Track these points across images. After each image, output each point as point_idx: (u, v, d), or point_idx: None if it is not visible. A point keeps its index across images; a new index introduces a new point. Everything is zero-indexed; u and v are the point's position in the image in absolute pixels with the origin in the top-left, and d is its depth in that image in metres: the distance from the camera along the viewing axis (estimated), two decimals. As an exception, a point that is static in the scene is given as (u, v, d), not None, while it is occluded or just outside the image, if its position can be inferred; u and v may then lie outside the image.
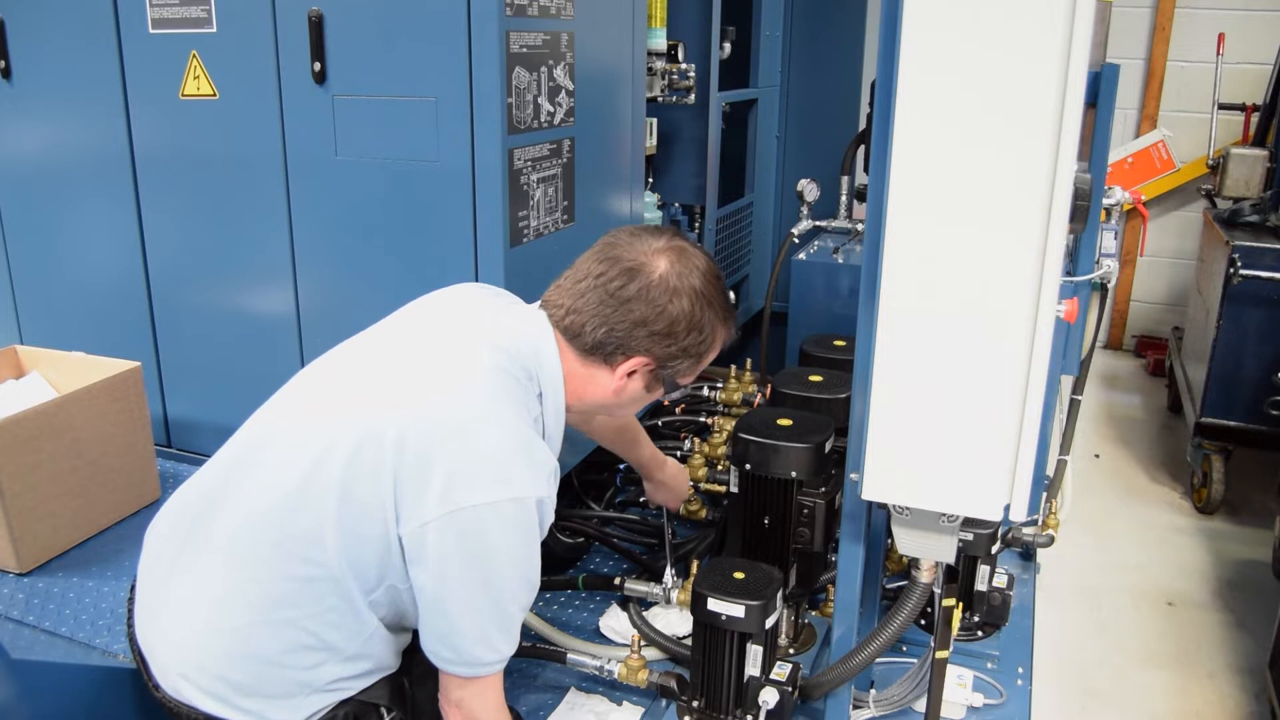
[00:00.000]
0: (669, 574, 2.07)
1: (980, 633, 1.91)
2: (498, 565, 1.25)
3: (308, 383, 1.40)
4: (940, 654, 1.52)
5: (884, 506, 1.39)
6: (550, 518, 1.29)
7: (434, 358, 1.33)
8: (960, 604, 1.63)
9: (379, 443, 1.23)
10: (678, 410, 2.88)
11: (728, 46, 2.90)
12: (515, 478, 1.24)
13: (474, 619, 1.27)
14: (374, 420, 1.25)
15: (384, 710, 1.37)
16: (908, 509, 1.36)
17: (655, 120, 2.62)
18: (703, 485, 2.52)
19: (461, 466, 1.22)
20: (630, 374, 1.41)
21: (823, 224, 3.11)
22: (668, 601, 2.07)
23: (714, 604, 1.64)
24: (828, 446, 1.89)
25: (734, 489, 1.94)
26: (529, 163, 1.89)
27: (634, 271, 1.36)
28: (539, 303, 1.45)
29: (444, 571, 1.23)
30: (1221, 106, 4.66)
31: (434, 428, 1.23)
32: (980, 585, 1.83)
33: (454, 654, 1.28)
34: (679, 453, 2.64)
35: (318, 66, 1.91)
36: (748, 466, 1.88)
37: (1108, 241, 2.24)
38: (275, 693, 1.29)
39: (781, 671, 1.67)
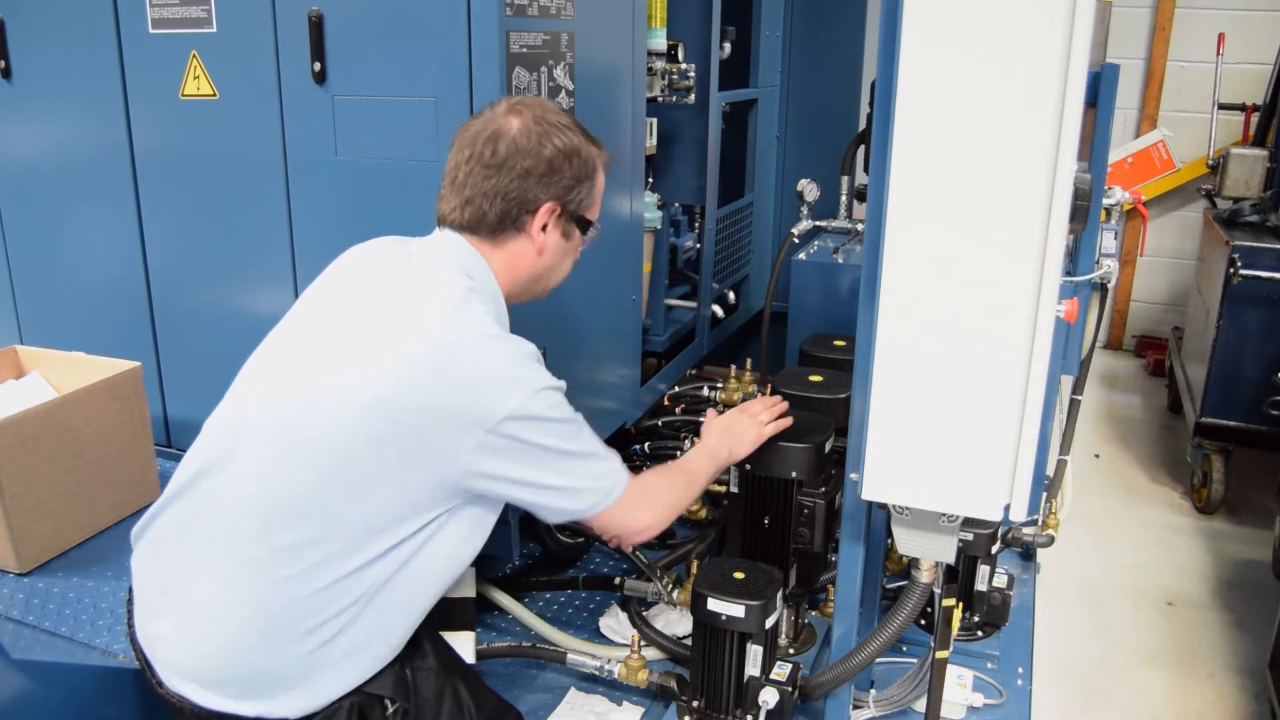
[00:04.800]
0: (659, 586, 2.08)
1: (980, 633, 1.91)
2: (561, 425, 1.33)
3: (275, 360, 1.40)
4: (940, 654, 1.52)
5: (884, 506, 1.39)
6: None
7: (412, 298, 1.35)
8: (960, 604, 1.63)
9: (400, 389, 1.25)
10: (678, 410, 2.88)
11: (728, 46, 2.90)
12: (534, 374, 1.31)
13: (575, 467, 1.35)
14: (385, 370, 1.26)
15: (388, 701, 1.38)
16: (908, 509, 1.36)
17: (655, 120, 2.62)
18: (703, 485, 2.52)
19: (486, 377, 1.27)
20: (543, 228, 1.44)
21: (823, 224, 3.10)
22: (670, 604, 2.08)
23: (714, 604, 1.64)
24: (828, 446, 1.89)
25: (734, 489, 1.94)
26: (529, 163, 1.89)
27: (496, 136, 1.41)
28: (436, 226, 1.48)
29: (532, 447, 1.29)
30: (1221, 106, 4.65)
31: (458, 352, 1.27)
32: (980, 585, 1.83)
33: (584, 501, 1.38)
34: (679, 452, 2.64)
35: (318, 66, 1.91)
36: (748, 466, 1.88)
37: (1108, 241, 2.24)
38: (281, 682, 1.29)
39: (781, 671, 1.67)
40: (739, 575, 1.69)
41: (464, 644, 1.71)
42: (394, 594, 1.34)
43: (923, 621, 1.67)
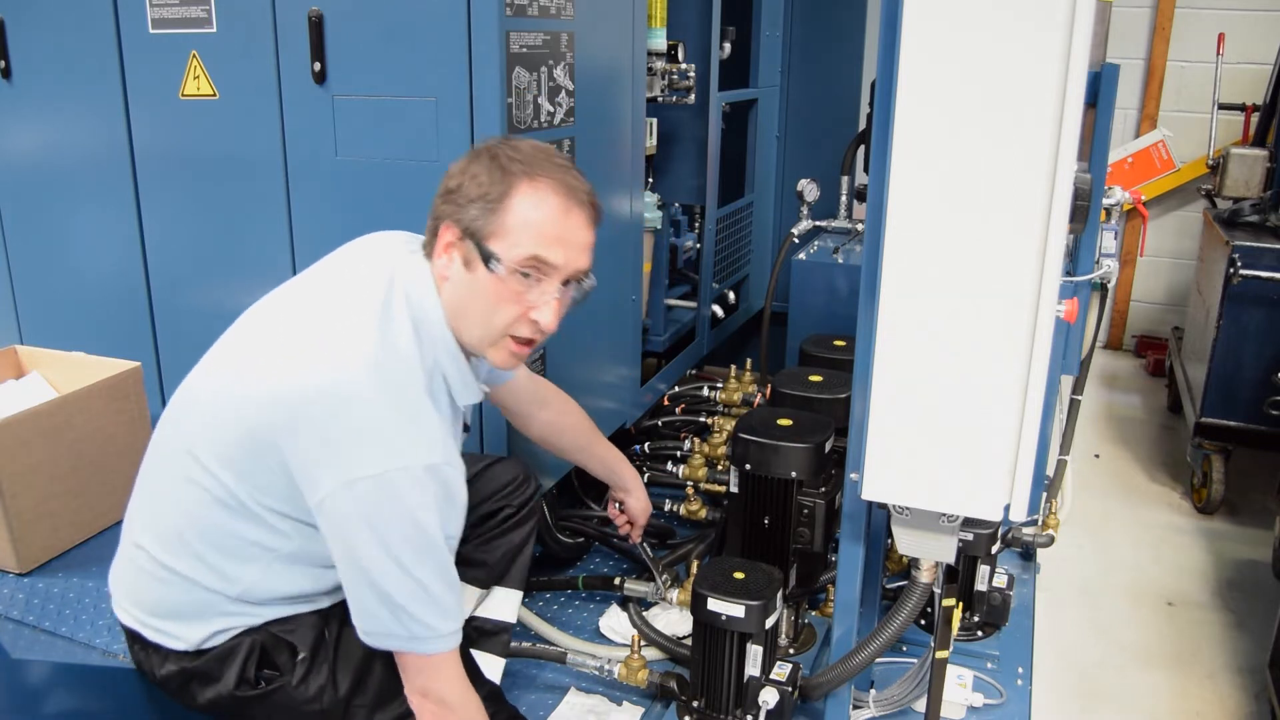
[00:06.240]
0: (659, 583, 2.08)
1: (980, 633, 1.91)
2: (394, 534, 1.25)
3: (232, 338, 1.47)
4: (940, 654, 1.52)
5: (884, 506, 1.39)
6: (457, 483, 1.30)
7: (326, 324, 1.32)
8: (960, 604, 1.63)
9: (267, 419, 1.27)
10: (678, 410, 2.88)
11: (728, 46, 2.90)
12: (399, 448, 1.24)
13: (394, 589, 1.27)
14: (264, 391, 1.29)
15: (297, 649, 1.42)
16: (908, 509, 1.36)
17: (655, 120, 2.62)
18: (703, 485, 2.53)
19: (347, 441, 1.24)
20: (448, 248, 1.34)
21: (823, 224, 3.11)
22: (667, 603, 2.07)
23: (714, 604, 1.64)
24: (828, 446, 1.89)
25: (734, 489, 1.94)
26: (529, 163, 1.89)
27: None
28: None
29: (350, 542, 1.26)
30: (1221, 106, 4.65)
31: (317, 403, 1.25)
32: (980, 585, 1.83)
33: (380, 626, 1.30)
34: (679, 452, 2.64)
35: (318, 66, 1.91)
36: (748, 466, 1.88)
37: (1108, 241, 2.24)
38: (182, 613, 1.39)
39: (781, 671, 1.67)
40: (739, 575, 1.69)
41: (492, 667, 1.70)
42: (296, 561, 1.38)
43: (923, 621, 1.67)
